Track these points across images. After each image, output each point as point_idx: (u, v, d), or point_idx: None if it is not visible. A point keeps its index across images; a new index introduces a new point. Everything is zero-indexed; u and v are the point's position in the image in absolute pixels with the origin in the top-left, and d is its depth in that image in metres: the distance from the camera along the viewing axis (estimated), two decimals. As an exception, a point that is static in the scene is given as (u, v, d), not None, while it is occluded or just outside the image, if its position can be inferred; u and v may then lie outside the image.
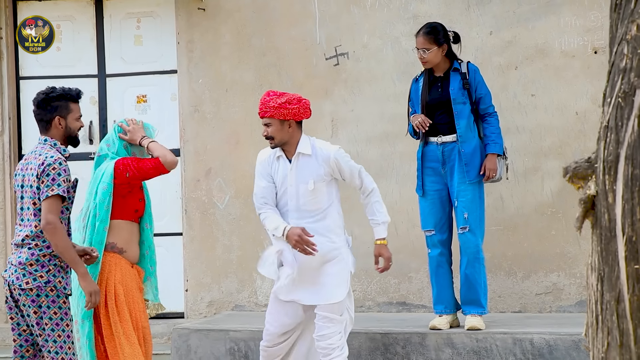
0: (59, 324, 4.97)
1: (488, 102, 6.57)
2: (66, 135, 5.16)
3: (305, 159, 5.63)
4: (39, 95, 5.16)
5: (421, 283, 7.61)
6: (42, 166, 4.95)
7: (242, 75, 8.00)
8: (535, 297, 7.46)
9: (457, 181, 6.47)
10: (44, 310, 4.94)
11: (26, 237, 4.99)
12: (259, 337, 6.64)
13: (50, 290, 4.97)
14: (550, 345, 6.29)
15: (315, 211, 5.62)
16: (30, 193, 5.00)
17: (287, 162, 5.65)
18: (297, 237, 5.48)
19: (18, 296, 4.97)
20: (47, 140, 5.12)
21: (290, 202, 5.62)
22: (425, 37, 6.47)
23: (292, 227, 5.52)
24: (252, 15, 8.01)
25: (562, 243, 7.42)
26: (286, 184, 5.63)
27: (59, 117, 5.12)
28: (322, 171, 5.61)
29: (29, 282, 4.94)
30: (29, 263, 4.95)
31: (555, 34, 7.46)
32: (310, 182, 5.59)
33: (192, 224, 8.11)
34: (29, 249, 4.97)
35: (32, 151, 5.12)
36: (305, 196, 5.60)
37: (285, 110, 5.55)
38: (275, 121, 5.57)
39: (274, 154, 5.69)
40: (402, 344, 6.55)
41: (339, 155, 5.65)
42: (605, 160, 2.78)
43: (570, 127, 7.42)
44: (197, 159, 8.11)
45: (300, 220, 5.59)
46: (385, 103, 7.67)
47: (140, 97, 8.38)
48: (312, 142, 5.67)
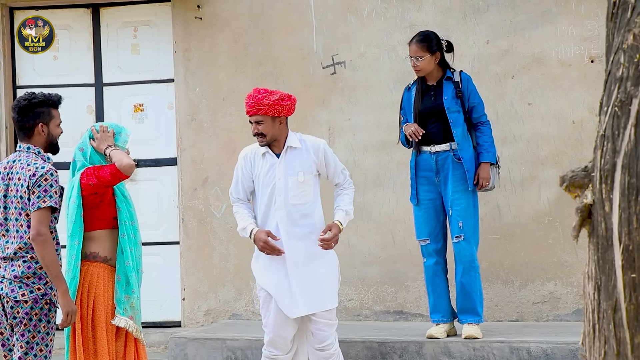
0: (44, 338, 4.88)
1: (481, 111, 6.58)
2: (48, 142, 5.04)
3: (294, 152, 5.63)
4: (19, 101, 4.99)
5: (418, 292, 7.61)
6: (34, 177, 4.84)
7: (239, 84, 8.00)
8: (532, 305, 7.46)
9: (452, 190, 6.47)
10: (35, 322, 4.86)
11: (19, 249, 4.87)
12: (256, 346, 6.63)
13: (45, 303, 4.90)
14: (547, 354, 6.29)
15: (303, 205, 5.60)
16: (21, 204, 4.87)
17: (274, 157, 5.64)
18: (263, 242, 5.50)
19: (10, 309, 4.86)
20: (30, 148, 4.98)
21: (278, 198, 5.58)
22: (418, 44, 6.49)
23: (259, 231, 5.53)
24: (249, 24, 8.02)
25: (559, 252, 7.42)
26: (274, 179, 5.60)
27: (42, 124, 4.99)
28: (311, 162, 5.62)
29: (25, 294, 4.85)
30: (25, 276, 4.86)
31: (551, 43, 7.47)
32: (300, 174, 5.59)
33: (189, 233, 8.11)
34: (24, 261, 4.88)
35: (14, 159, 4.97)
36: (294, 189, 5.58)
37: (279, 107, 5.57)
38: (268, 118, 5.57)
39: (257, 151, 5.68)
40: (399, 353, 6.55)
41: (327, 147, 5.72)
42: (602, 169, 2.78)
43: (567, 135, 7.43)
44: (194, 168, 8.11)
45: (288, 216, 5.57)
46: (382, 112, 7.68)
47: (137, 106, 8.39)
48: (299, 136, 5.71)
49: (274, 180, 5.60)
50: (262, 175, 5.64)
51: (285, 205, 5.58)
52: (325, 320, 5.61)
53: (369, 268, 7.78)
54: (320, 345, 5.61)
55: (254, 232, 5.54)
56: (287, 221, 5.58)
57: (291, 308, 5.54)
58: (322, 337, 5.60)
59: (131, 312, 5.31)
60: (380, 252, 7.75)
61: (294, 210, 5.59)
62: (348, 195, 5.76)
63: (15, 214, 4.90)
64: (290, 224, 5.58)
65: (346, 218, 5.68)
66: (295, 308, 5.53)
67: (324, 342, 5.61)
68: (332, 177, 5.74)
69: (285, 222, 5.58)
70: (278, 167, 5.61)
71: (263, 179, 5.63)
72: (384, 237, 7.73)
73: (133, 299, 5.32)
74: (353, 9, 7.84)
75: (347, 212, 5.69)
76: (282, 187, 5.59)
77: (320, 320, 5.60)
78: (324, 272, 5.63)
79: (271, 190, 5.61)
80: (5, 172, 4.97)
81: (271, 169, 5.62)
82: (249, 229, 5.57)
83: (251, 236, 5.56)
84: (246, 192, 5.72)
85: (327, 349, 5.61)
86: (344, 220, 5.66)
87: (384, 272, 7.74)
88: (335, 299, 5.68)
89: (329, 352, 5.61)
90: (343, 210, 5.69)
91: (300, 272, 5.56)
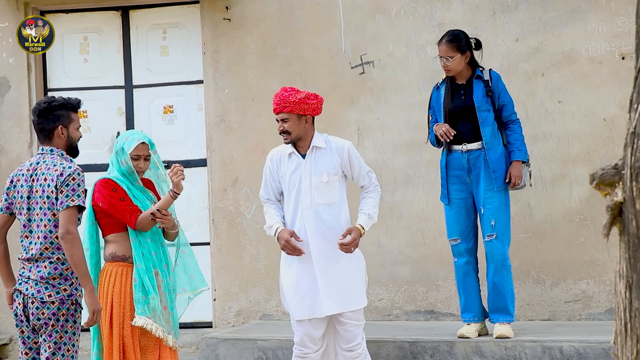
0: (71, 338, 4.92)
1: (511, 110, 6.55)
2: (67, 145, 5.08)
3: (319, 152, 5.67)
4: (39, 104, 5.05)
5: (449, 291, 7.58)
6: (62, 177, 4.88)
7: (267, 85, 8.01)
8: (564, 304, 7.41)
9: (483, 189, 6.45)
10: (62, 323, 4.89)
11: (44, 249, 4.91)
12: (287, 346, 6.64)
13: (71, 303, 4.94)
14: (579, 353, 6.25)
15: (329, 206, 5.63)
16: (47, 204, 4.91)
17: (300, 158, 5.68)
18: (284, 241, 5.56)
19: (35, 310, 4.89)
20: (53, 150, 5.03)
21: (304, 198, 5.62)
22: (448, 45, 6.46)
23: (283, 230, 5.59)
24: (277, 24, 8.03)
25: (591, 250, 7.37)
26: (300, 179, 5.64)
27: (62, 127, 5.03)
28: (335, 163, 5.66)
29: (51, 295, 4.88)
30: (51, 277, 4.89)
31: (582, 40, 7.42)
32: (324, 174, 5.62)
33: (220, 234, 8.13)
34: (51, 262, 4.91)
35: (37, 161, 5.01)
36: (319, 189, 5.62)
37: (305, 106, 5.61)
38: (294, 116, 5.62)
39: (283, 152, 5.73)
40: (430, 353, 6.53)
41: (352, 148, 5.74)
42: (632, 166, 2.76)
43: (598, 133, 7.38)
44: (224, 169, 8.13)
45: (315, 216, 5.60)
46: (411, 111, 7.66)
47: (167, 108, 8.42)
48: (325, 137, 5.74)
49: (299, 180, 5.64)
50: (288, 176, 5.68)
51: (312, 205, 5.62)
52: (352, 321, 5.63)
53: (399, 267, 7.77)
54: (348, 345, 5.64)
55: (278, 231, 5.60)
56: (314, 221, 5.61)
57: (319, 307, 5.57)
58: (350, 337, 5.64)
59: (149, 313, 5.37)
60: (410, 252, 7.73)
61: (320, 211, 5.62)
62: (372, 198, 5.75)
63: (40, 215, 4.93)
64: (317, 224, 5.61)
65: (369, 222, 5.68)
66: (323, 307, 5.56)
67: (351, 343, 5.64)
68: (357, 179, 5.76)
69: (311, 222, 5.61)
70: (304, 168, 5.65)
71: (289, 180, 5.68)
72: (414, 236, 7.71)
73: (150, 299, 5.41)
74: (381, 8, 7.83)
75: (370, 216, 5.69)
76: (308, 187, 5.63)
77: (348, 320, 5.63)
78: (350, 272, 5.66)
79: (297, 190, 5.65)
80: (28, 174, 5.00)
81: (297, 169, 5.66)
82: (274, 227, 5.64)
83: (275, 234, 5.61)
84: (275, 192, 5.76)
85: (354, 349, 5.64)
86: (365, 224, 5.66)
87: (414, 271, 7.72)
88: (363, 299, 5.69)
89: (356, 353, 5.65)
90: (366, 214, 5.69)
91: (326, 272, 5.59)
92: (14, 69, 8.39)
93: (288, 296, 5.70)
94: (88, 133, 8.21)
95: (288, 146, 5.71)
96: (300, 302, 5.61)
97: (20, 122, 8.38)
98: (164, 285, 5.51)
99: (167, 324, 5.47)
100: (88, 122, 8.38)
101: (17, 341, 8.30)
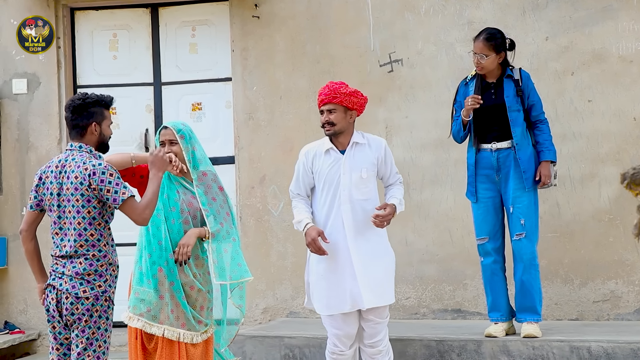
0: (103, 334, 4.94)
1: (539, 109, 6.51)
2: (99, 142, 5.09)
3: (358, 147, 5.71)
4: (74, 100, 5.07)
5: (476, 290, 7.56)
6: (95, 175, 4.88)
7: (296, 83, 8.02)
8: (592, 304, 7.37)
9: (513, 188, 6.42)
10: (95, 319, 4.91)
11: (79, 247, 4.91)
12: (314, 344, 6.64)
13: (104, 300, 4.95)
14: (608, 353, 6.21)
15: (366, 201, 5.67)
16: (81, 201, 4.91)
17: (338, 153, 5.70)
18: (311, 239, 5.58)
19: (69, 305, 4.91)
20: (82, 146, 5.03)
21: (343, 193, 5.65)
22: (484, 43, 6.41)
23: (312, 227, 5.61)
24: (306, 22, 8.03)
25: (620, 250, 7.33)
26: (338, 174, 5.66)
27: (95, 123, 5.05)
28: (373, 159, 5.70)
29: (86, 290, 4.90)
30: (87, 273, 4.90)
31: (612, 39, 7.38)
32: (363, 170, 5.66)
33: (247, 231, 8.14)
34: (86, 259, 4.92)
35: (65, 158, 5.02)
36: (358, 185, 5.65)
37: (354, 99, 5.66)
38: (341, 108, 5.65)
39: (319, 148, 5.75)
40: (457, 352, 6.51)
41: (388, 146, 5.82)
42: (666, 165, 2.74)
43: (628, 132, 7.33)
44: (252, 166, 8.14)
45: (353, 211, 5.63)
46: (440, 109, 7.64)
47: (195, 105, 8.45)
48: (362, 133, 5.79)
49: (338, 175, 5.66)
50: (324, 171, 5.70)
51: (350, 200, 5.65)
52: (377, 319, 5.68)
53: (426, 266, 7.75)
54: (371, 341, 5.69)
55: (307, 227, 5.62)
56: (352, 216, 5.64)
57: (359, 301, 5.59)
58: (373, 333, 5.69)
59: (142, 309, 5.41)
60: (437, 250, 7.71)
61: (357, 206, 5.66)
62: (399, 189, 5.83)
63: (73, 212, 4.93)
64: (355, 219, 5.65)
65: (400, 207, 5.73)
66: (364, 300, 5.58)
67: (374, 338, 5.69)
68: (387, 177, 5.81)
69: (350, 217, 5.64)
70: (343, 163, 5.67)
71: (326, 175, 5.69)
72: (441, 235, 7.69)
73: (142, 293, 5.42)
74: (410, 6, 7.81)
75: (401, 202, 5.76)
76: (347, 182, 5.65)
77: (373, 317, 5.67)
78: (384, 267, 5.70)
79: (335, 185, 5.67)
80: (57, 170, 5.00)
81: (335, 164, 5.68)
82: (304, 222, 5.66)
83: (304, 230, 5.63)
84: (306, 188, 5.79)
85: (377, 345, 5.69)
86: (398, 206, 5.71)
87: (441, 270, 7.70)
88: (392, 295, 5.74)
89: (378, 349, 5.71)
90: (397, 198, 5.75)
91: (365, 266, 5.62)
92: (43, 66, 8.44)
93: (319, 292, 5.70)
94: (117, 130, 8.24)
95: (325, 142, 5.73)
96: (336, 297, 5.63)
97: (49, 119, 8.43)
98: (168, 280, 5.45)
99: (176, 320, 5.42)
100: (117, 118, 8.41)
101: (45, 337, 8.38)
